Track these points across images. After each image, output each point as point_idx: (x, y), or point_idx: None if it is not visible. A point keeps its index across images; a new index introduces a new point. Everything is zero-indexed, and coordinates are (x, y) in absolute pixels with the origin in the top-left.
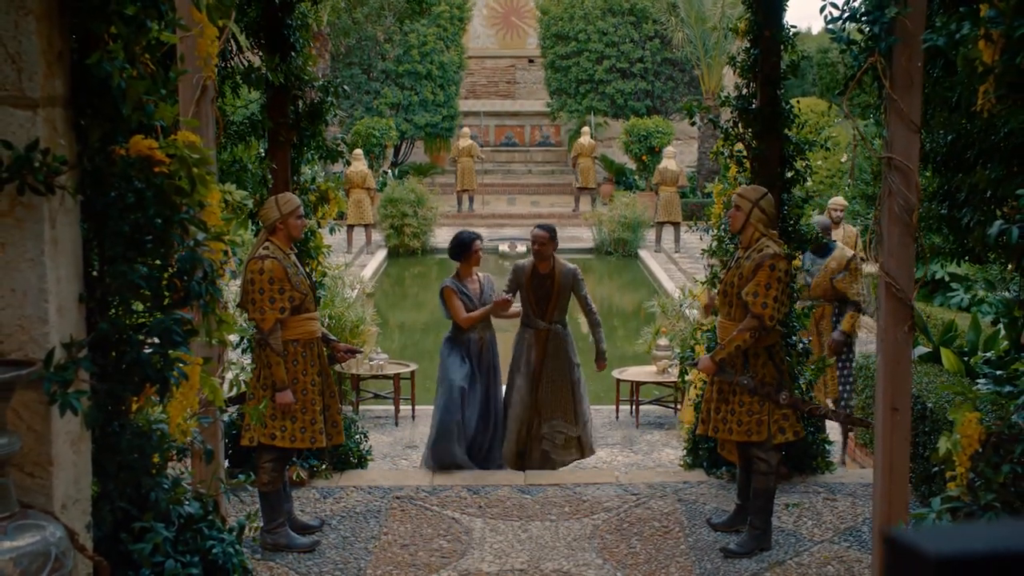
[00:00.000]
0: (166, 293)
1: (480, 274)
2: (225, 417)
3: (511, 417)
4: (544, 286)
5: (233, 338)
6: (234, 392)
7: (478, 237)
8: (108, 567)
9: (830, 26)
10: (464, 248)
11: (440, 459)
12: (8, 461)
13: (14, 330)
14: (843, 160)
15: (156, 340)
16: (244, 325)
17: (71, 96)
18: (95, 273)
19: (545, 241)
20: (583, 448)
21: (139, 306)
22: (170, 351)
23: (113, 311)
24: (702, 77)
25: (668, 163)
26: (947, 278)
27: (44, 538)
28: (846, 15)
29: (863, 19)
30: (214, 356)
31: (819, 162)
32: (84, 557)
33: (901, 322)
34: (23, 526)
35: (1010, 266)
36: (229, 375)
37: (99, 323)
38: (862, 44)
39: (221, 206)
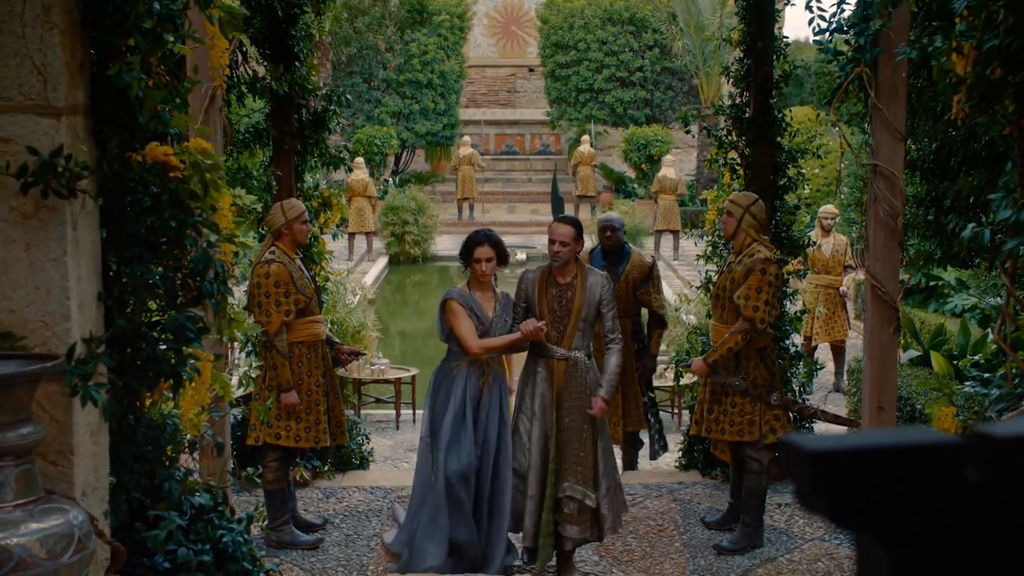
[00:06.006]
0: (180, 292)
1: (499, 290)
2: (233, 414)
3: (531, 481)
4: (564, 300)
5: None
6: (241, 391)
7: (487, 241)
8: (125, 552)
9: (817, 37)
10: (467, 250)
11: (419, 563)
12: (34, 448)
13: (38, 326)
14: (838, 168)
15: (170, 337)
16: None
17: (92, 105)
18: (113, 273)
19: (568, 240)
20: (600, 525)
21: (154, 304)
22: (183, 347)
23: (130, 309)
24: (701, 86)
25: (667, 171)
26: (929, 283)
27: (68, 521)
28: (833, 27)
29: (849, 31)
30: (223, 354)
31: (816, 170)
32: (102, 542)
33: (887, 324)
34: (48, 509)
35: (996, 271)
36: (235, 377)
37: (117, 320)
38: (849, 55)
39: (232, 210)
